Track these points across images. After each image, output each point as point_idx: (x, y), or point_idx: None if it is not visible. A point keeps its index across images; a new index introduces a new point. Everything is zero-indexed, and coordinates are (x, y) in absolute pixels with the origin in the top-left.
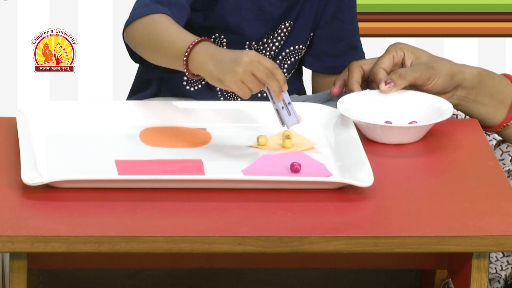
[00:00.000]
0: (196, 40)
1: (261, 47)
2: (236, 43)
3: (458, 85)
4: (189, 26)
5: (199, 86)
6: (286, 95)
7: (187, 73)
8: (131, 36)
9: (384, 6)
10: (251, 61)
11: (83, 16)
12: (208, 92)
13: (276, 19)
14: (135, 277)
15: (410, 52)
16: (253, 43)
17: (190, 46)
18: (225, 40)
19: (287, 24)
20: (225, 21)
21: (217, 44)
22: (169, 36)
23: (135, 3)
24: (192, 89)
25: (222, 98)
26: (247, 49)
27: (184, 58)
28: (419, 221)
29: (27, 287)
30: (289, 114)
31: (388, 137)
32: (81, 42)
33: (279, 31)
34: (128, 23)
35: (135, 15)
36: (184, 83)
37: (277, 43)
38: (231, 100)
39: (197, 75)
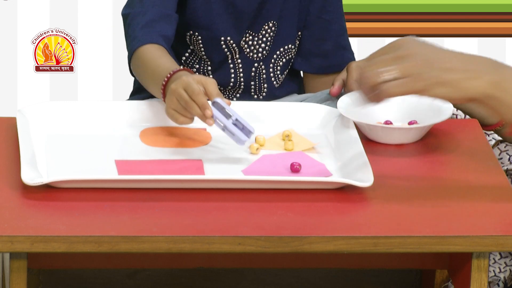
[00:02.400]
0: (174, 71)
1: (248, 49)
2: (211, 40)
3: None
4: None
5: None
6: (221, 117)
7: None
8: (133, 69)
9: (384, 6)
10: (176, 89)
11: (83, 16)
12: None
13: (252, 15)
14: (135, 277)
15: None
16: (231, 40)
17: (168, 75)
18: (199, 37)
19: (271, 25)
20: (196, 16)
21: (192, 41)
22: (150, 69)
23: (130, 32)
24: None
25: None
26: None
27: (162, 87)
28: (419, 221)
29: (27, 287)
30: (233, 134)
31: (388, 138)
32: (81, 42)
33: (264, 32)
34: (129, 58)
35: (131, 50)
36: None
37: (263, 45)
38: (224, 95)
39: None
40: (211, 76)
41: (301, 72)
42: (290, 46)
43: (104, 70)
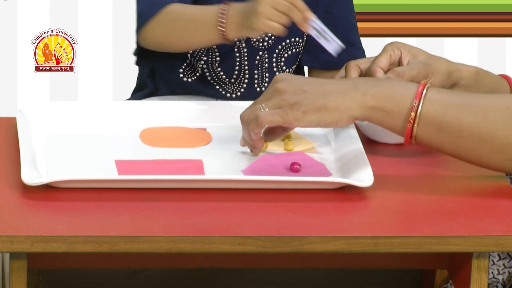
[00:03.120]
0: (223, 7)
1: (255, 38)
2: None
3: (455, 84)
4: None
5: (195, 77)
6: (317, 24)
7: (224, 41)
8: (151, 35)
9: (384, 6)
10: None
11: (83, 16)
12: (204, 83)
13: None
14: (135, 277)
15: (407, 51)
16: None
17: (221, 14)
18: None
19: None
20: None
21: None
22: (193, 16)
23: (138, 6)
24: (189, 80)
25: (217, 87)
26: None
27: (220, 27)
28: (419, 221)
29: (27, 287)
30: (328, 41)
31: (389, 138)
32: (81, 42)
33: None
34: (141, 25)
35: (147, 15)
36: (181, 75)
37: (270, 34)
38: (228, 88)
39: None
40: (216, 65)
41: (306, 71)
42: (297, 39)
43: (104, 70)
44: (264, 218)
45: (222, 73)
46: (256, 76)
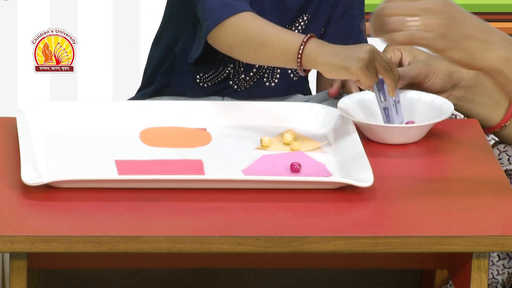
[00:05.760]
0: (307, 36)
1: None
2: None
3: (455, 85)
4: None
5: (213, 82)
6: (397, 93)
7: (298, 69)
8: (221, 37)
9: None
10: (373, 51)
11: (83, 16)
12: (221, 87)
13: (295, 12)
14: (135, 277)
15: (407, 52)
16: None
17: (303, 42)
18: None
19: (305, 18)
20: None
21: None
22: (271, 34)
23: (209, 4)
24: (205, 85)
25: (231, 82)
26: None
27: (299, 55)
28: (419, 221)
29: (27, 287)
30: (397, 112)
31: (389, 138)
32: (81, 42)
33: (297, 24)
34: (213, 26)
35: (220, 17)
36: (198, 80)
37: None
38: (239, 83)
39: (307, 70)
40: (242, 69)
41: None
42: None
43: (104, 70)
44: (264, 218)
45: (243, 75)
46: (268, 71)
